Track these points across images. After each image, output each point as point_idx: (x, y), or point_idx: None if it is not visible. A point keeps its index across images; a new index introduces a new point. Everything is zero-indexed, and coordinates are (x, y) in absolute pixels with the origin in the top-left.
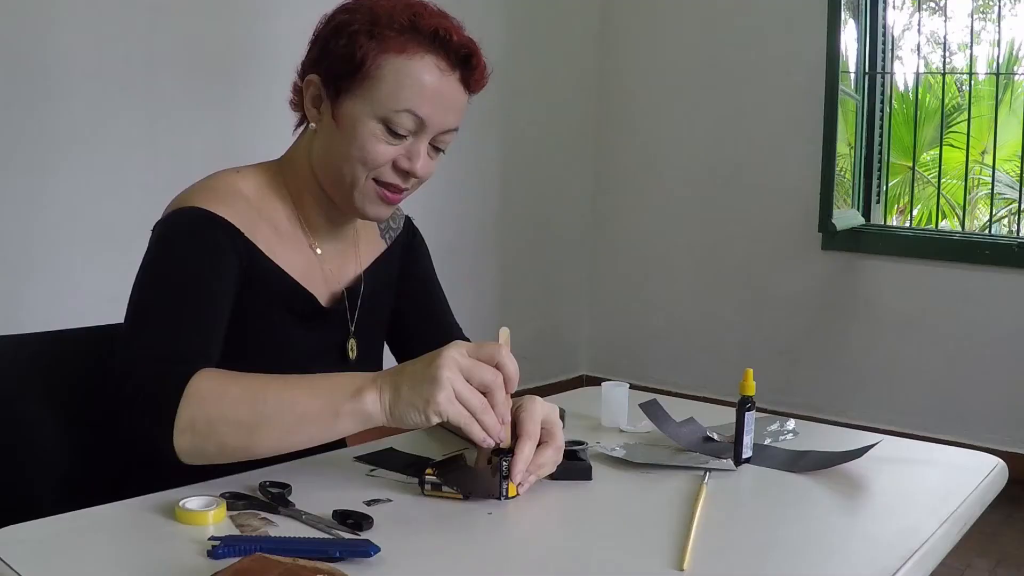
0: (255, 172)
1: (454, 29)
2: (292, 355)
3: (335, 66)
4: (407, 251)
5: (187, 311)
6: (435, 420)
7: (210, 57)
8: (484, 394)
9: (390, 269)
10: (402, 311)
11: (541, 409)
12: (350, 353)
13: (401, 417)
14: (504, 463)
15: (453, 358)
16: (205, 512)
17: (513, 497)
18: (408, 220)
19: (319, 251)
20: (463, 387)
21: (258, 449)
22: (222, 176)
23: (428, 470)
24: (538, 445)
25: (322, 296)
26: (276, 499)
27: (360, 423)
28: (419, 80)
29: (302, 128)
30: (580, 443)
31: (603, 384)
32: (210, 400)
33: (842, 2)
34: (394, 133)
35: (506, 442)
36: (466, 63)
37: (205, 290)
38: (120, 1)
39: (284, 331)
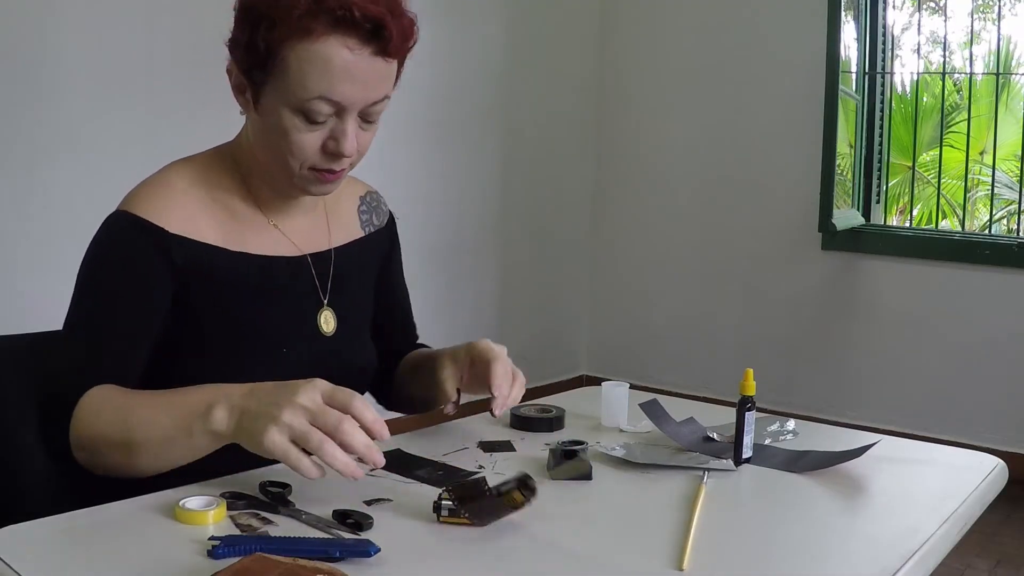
0: (206, 157)
1: (356, 3)
2: (262, 338)
3: (244, 57)
4: (388, 253)
5: (101, 330)
6: (268, 452)
7: (210, 57)
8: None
9: (367, 257)
10: (376, 315)
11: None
12: (324, 326)
13: (242, 441)
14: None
15: (299, 404)
16: (205, 512)
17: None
18: (391, 218)
19: (279, 226)
20: (301, 426)
21: (139, 470)
22: (170, 169)
23: (444, 494)
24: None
25: (285, 262)
26: (276, 499)
27: (214, 441)
28: (327, 64)
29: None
30: (580, 443)
31: (603, 384)
32: (88, 420)
33: (842, 2)
34: (312, 120)
35: (358, 475)
36: (377, 35)
37: (123, 308)
38: (120, 1)
39: (249, 315)
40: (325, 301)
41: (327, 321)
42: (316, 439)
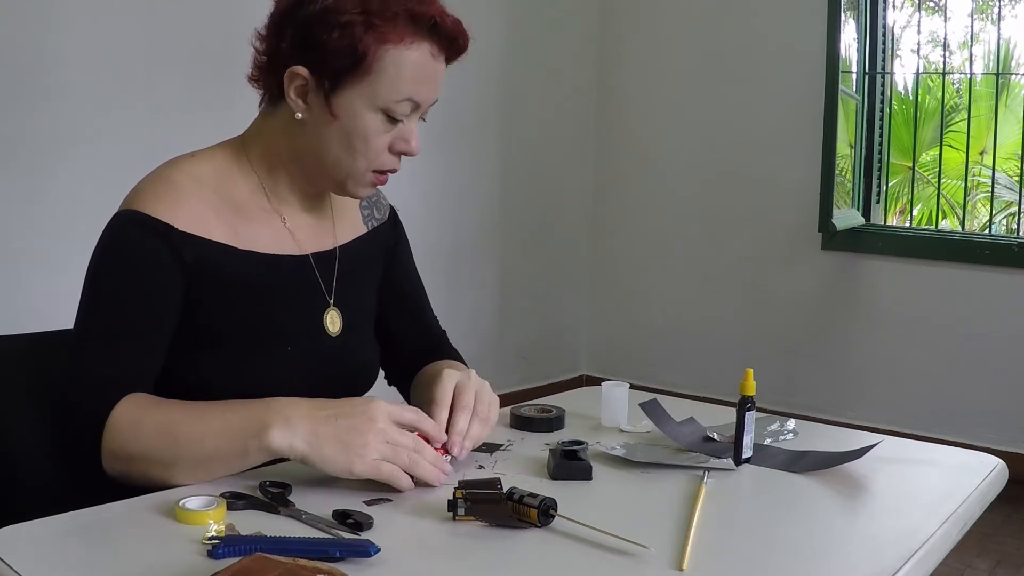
0: (212, 152)
1: (444, 13)
2: (268, 337)
3: (331, 60)
4: (393, 246)
5: (119, 337)
6: (357, 477)
7: (210, 57)
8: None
9: (371, 253)
10: (388, 308)
11: (450, 380)
12: (330, 326)
13: (315, 464)
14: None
15: (380, 429)
16: (205, 512)
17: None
18: (393, 212)
19: (287, 224)
20: (387, 449)
21: (178, 482)
22: (173, 166)
23: (457, 492)
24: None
25: (292, 261)
26: (276, 499)
27: (268, 457)
28: (417, 67)
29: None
30: (580, 443)
31: (603, 384)
32: (126, 434)
33: (842, 2)
34: (393, 120)
35: (440, 481)
36: (454, 44)
37: (138, 313)
38: (120, 1)
39: (256, 313)
40: (331, 301)
41: (333, 321)
42: (406, 458)
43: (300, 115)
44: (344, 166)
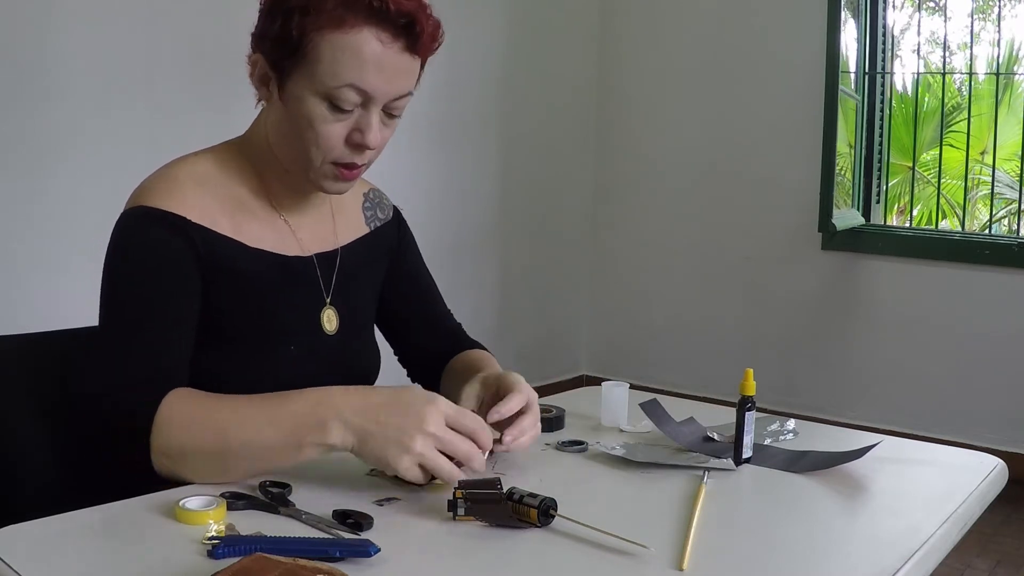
0: (212, 153)
1: None
2: (271, 333)
3: (275, 47)
4: (397, 246)
5: (152, 331)
6: (399, 475)
7: (210, 57)
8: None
9: (373, 254)
10: (396, 306)
11: (521, 401)
12: (327, 324)
13: (364, 458)
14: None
15: (430, 432)
16: (205, 512)
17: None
18: (397, 212)
19: (288, 223)
20: (432, 456)
21: (231, 476)
22: (177, 165)
23: (457, 492)
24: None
25: (297, 262)
26: (276, 499)
27: (326, 452)
28: (359, 54)
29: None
30: (580, 443)
31: (603, 384)
32: (178, 429)
33: (842, 2)
34: (340, 109)
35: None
36: (409, 30)
37: (167, 305)
38: (120, 1)
39: (261, 310)
40: (328, 300)
41: (329, 320)
42: (447, 471)
43: (264, 102)
44: (301, 156)
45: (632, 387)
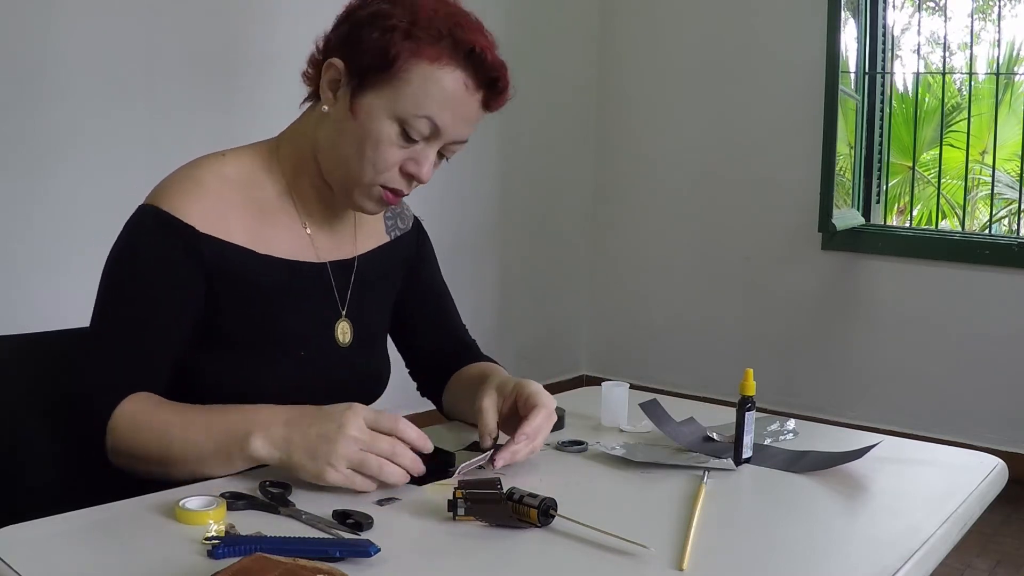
0: (243, 153)
1: (489, 48)
2: (281, 342)
3: (363, 57)
4: (415, 255)
5: (131, 336)
6: (330, 484)
7: (210, 57)
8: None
9: (391, 263)
10: (412, 317)
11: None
12: (341, 337)
13: (293, 472)
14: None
15: (351, 436)
16: (205, 512)
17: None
18: (417, 222)
19: (308, 230)
20: (356, 455)
21: (175, 478)
22: (202, 164)
23: (457, 492)
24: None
25: (310, 268)
26: (276, 499)
27: (252, 463)
28: (444, 91)
29: (309, 104)
30: (580, 443)
31: (603, 384)
32: (126, 434)
33: (842, 2)
34: (408, 137)
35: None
36: (492, 85)
37: (151, 313)
38: (120, 1)
39: (271, 318)
40: (344, 312)
41: (344, 332)
42: (375, 466)
43: (327, 108)
44: (353, 170)
45: (632, 387)
